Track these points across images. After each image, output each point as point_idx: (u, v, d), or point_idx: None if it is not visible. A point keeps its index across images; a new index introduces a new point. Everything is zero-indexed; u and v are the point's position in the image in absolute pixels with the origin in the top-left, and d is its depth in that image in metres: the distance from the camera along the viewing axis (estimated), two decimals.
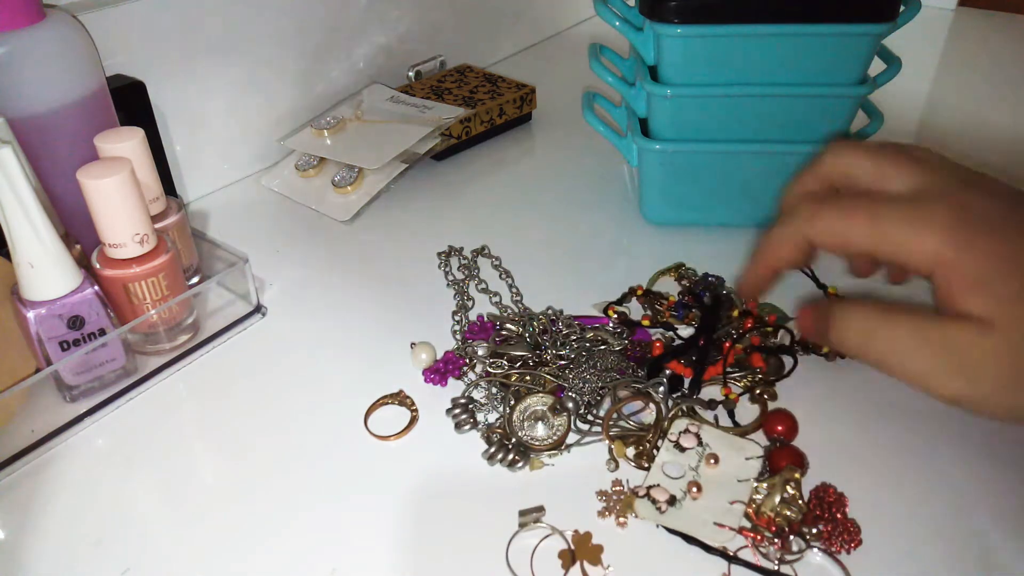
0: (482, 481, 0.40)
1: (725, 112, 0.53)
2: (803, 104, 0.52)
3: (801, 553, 0.35)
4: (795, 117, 0.53)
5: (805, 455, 0.39)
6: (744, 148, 0.54)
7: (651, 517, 0.37)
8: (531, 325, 0.48)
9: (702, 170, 0.55)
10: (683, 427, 0.41)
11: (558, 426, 0.41)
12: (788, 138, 0.53)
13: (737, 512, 0.37)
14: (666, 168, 0.56)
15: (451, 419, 0.42)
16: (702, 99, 0.53)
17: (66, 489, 0.40)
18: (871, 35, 0.49)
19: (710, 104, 0.53)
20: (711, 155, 0.55)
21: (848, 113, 0.53)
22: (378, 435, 0.43)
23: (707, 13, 0.49)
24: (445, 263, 0.56)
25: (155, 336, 0.47)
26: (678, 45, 0.51)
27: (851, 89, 0.51)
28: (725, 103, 0.53)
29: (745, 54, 0.50)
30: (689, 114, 0.53)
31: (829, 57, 0.50)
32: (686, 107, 0.53)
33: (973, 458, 0.40)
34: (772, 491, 0.37)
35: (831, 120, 0.53)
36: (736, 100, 0.52)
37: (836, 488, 0.38)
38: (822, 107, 0.52)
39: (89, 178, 0.42)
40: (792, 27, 0.49)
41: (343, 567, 0.36)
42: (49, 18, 0.44)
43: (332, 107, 0.71)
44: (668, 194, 0.57)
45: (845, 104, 0.52)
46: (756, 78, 0.51)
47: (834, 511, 0.36)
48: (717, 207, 0.58)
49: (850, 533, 0.36)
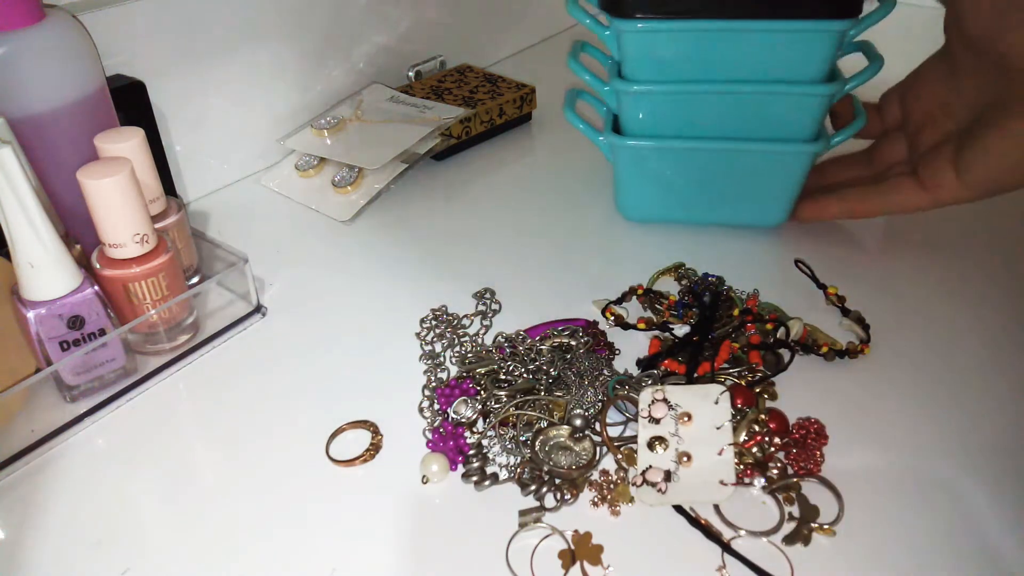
0: None
1: (691, 109, 0.52)
2: (768, 101, 0.51)
3: (785, 480, 0.39)
4: (761, 114, 0.52)
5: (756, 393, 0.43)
6: (710, 145, 0.53)
7: (656, 501, 0.37)
8: (496, 363, 0.46)
9: (671, 167, 0.55)
10: (649, 399, 0.41)
11: (582, 451, 0.40)
12: (755, 135, 0.53)
13: (728, 461, 0.38)
14: (637, 165, 0.56)
15: (471, 484, 0.39)
16: (666, 96, 0.52)
17: (66, 489, 0.40)
18: (832, 31, 0.48)
19: (675, 101, 0.52)
20: (679, 152, 0.54)
21: (817, 111, 0.51)
22: (377, 436, 0.43)
23: (666, 8, 0.48)
24: (425, 333, 0.50)
25: (155, 336, 0.47)
26: (638, 41, 0.50)
27: (815, 88, 0.50)
28: (690, 100, 0.52)
29: (706, 50, 0.50)
30: (656, 111, 0.53)
31: (791, 54, 0.49)
32: (652, 104, 0.53)
33: (973, 458, 0.40)
34: (739, 429, 0.40)
35: (799, 117, 0.52)
36: (701, 97, 0.52)
37: (820, 421, 0.41)
38: (787, 104, 0.51)
39: (89, 178, 0.42)
40: (751, 23, 0.48)
41: (343, 567, 0.36)
42: (49, 18, 0.44)
43: (332, 107, 0.71)
44: (640, 191, 0.58)
45: (812, 102, 0.51)
46: (719, 75, 0.51)
47: (808, 440, 0.40)
48: (688, 204, 0.58)
49: (809, 451, 0.40)
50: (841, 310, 0.50)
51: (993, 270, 0.54)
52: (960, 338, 0.48)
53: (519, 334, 0.48)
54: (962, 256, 0.55)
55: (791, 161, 0.53)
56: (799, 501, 0.38)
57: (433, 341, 0.49)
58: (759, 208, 0.57)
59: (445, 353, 0.48)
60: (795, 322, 0.47)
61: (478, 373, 0.46)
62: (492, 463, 0.41)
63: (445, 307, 0.52)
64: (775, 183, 0.55)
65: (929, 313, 0.50)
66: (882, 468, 0.40)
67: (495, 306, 0.52)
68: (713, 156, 0.54)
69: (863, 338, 0.47)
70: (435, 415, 0.44)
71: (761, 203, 0.56)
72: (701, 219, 0.59)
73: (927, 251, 0.56)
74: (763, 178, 0.54)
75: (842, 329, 0.49)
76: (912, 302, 0.51)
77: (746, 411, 0.41)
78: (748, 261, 0.55)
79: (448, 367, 0.47)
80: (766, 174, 0.54)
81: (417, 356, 0.48)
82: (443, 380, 0.46)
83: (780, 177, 0.54)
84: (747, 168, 0.54)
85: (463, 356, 0.47)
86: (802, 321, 0.47)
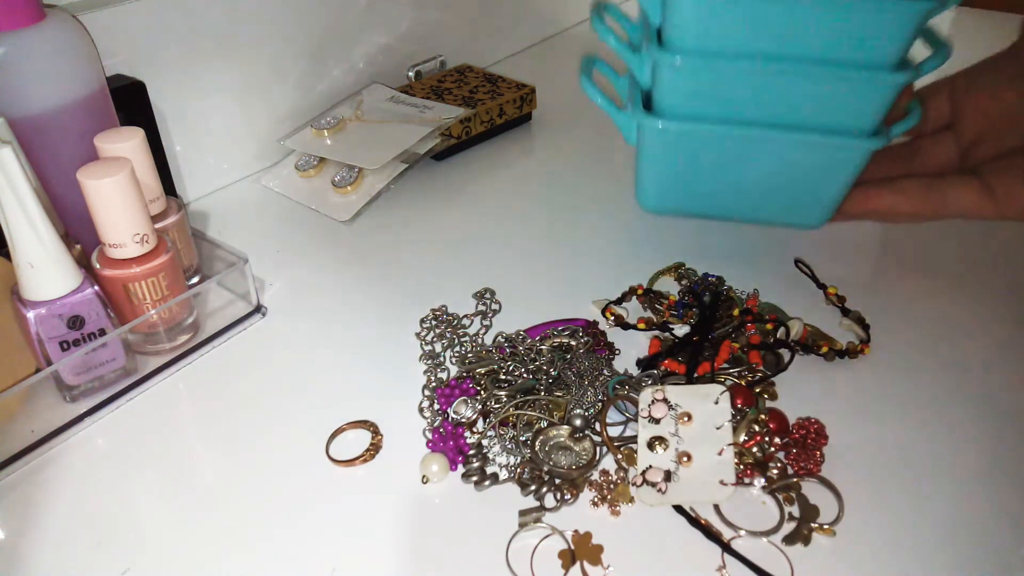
0: None
1: (743, 89, 0.45)
2: (831, 86, 0.44)
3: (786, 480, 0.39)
4: (820, 101, 0.45)
5: (756, 393, 0.43)
6: (760, 134, 0.46)
7: (656, 501, 0.37)
8: (496, 363, 0.45)
9: (710, 156, 0.48)
10: (650, 398, 0.41)
11: (582, 451, 0.40)
12: (810, 124, 0.46)
13: (728, 461, 0.38)
14: (668, 150, 0.48)
15: (471, 484, 0.40)
16: (717, 72, 0.44)
17: (66, 489, 0.40)
18: (917, 12, 0.41)
19: (726, 78, 0.45)
20: (723, 139, 0.47)
21: (885, 102, 0.44)
22: (377, 436, 0.43)
23: None
24: (425, 333, 0.50)
25: (155, 336, 0.47)
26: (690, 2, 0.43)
27: (890, 75, 0.43)
28: (744, 78, 0.45)
29: (768, 18, 0.42)
30: (701, 89, 0.45)
31: (867, 31, 0.42)
32: (698, 80, 0.45)
33: (973, 457, 0.40)
34: (739, 429, 0.40)
35: (863, 108, 0.45)
36: (756, 76, 0.44)
37: (820, 421, 0.41)
38: (853, 92, 0.44)
39: (89, 178, 0.42)
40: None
41: (343, 567, 0.36)
42: (49, 18, 0.44)
43: (332, 107, 0.71)
44: (668, 180, 0.51)
45: (882, 91, 0.44)
46: (778, 50, 0.43)
47: (808, 440, 0.40)
48: (723, 199, 0.51)
49: (808, 452, 0.39)
50: (841, 310, 0.50)
51: (994, 270, 0.54)
52: (960, 338, 0.48)
53: (519, 334, 0.48)
54: (962, 256, 0.55)
55: (847, 157, 0.47)
56: (799, 501, 0.38)
57: (433, 341, 0.49)
58: (800, 207, 0.51)
59: (445, 353, 0.48)
60: (795, 322, 0.47)
61: (478, 373, 0.46)
62: (492, 463, 0.41)
63: (445, 307, 0.52)
64: (824, 180, 0.48)
65: (929, 313, 0.50)
66: (882, 468, 0.40)
67: (495, 306, 0.52)
68: (760, 146, 0.47)
69: (863, 338, 0.47)
70: (435, 415, 0.44)
71: (803, 202, 0.50)
72: (732, 215, 0.53)
73: (927, 251, 0.56)
74: (812, 173, 0.48)
75: (842, 329, 0.49)
76: (912, 302, 0.51)
77: (746, 411, 0.41)
78: (748, 261, 0.55)
79: (448, 367, 0.47)
80: (816, 169, 0.48)
81: (417, 356, 0.48)
82: (443, 380, 0.46)
83: (831, 174, 0.48)
84: (795, 161, 0.47)
85: (463, 356, 0.47)
86: (802, 321, 0.47)
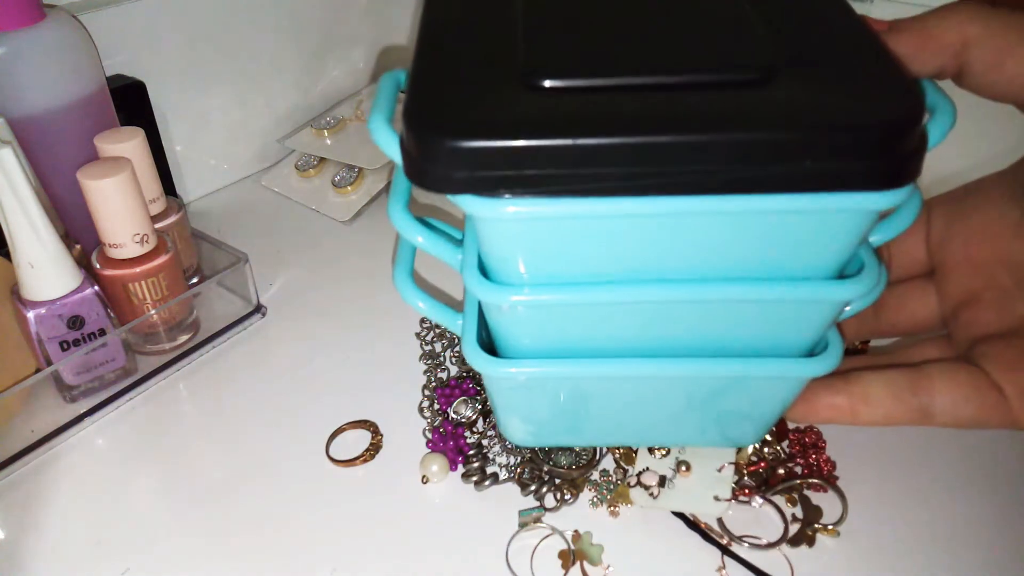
0: None
1: (608, 321, 0.31)
2: (735, 312, 0.30)
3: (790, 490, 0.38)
4: (736, 322, 0.30)
5: None
6: (642, 370, 0.31)
7: (647, 504, 0.37)
8: None
9: (580, 393, 0.34)
10: None
11: (582, 451, 0.40)
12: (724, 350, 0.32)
13: (727, 478, 0.38)
14: (521, 393, 0.34)
15: (471, 484, 0.39)
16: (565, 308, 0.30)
17: (66, 489, 0.40)
18: (863, 212, 0.26)
19: (582, 313, 0.30)
20: (599, 382, 0.33)
21: (824, 320, 0.30)
22: (377, 436, 0.43)
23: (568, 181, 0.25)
24: (425, 333, 0.50)
25: (155, 336, 0.47)
26: (503, 231, 0.27)
27: (826, 289, 0.28)
28: (606, 311, 0.30)
29: (625, 238, 0.27)
30: (549, 324, 0.31)
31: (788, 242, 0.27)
32: (540, 316, 0.30)
33: (974, 457, 0.40)
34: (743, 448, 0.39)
35: (794, 328, 0.31)
36: (623, 307, 0.30)
37: (815, 428, 0.41)
38: (783, 311, 0.30)
39: (89, 178, 0.42)
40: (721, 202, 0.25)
41: (343, 567, 0.36)
42: (49, 18, 0.44)
43: (332, 107, 0.71)
44: (533, 418, 0.37)
45: (818, 310, 0.30)
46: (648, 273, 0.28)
47: (808, 453, 0.39)
48: (602, 431, 0.38)
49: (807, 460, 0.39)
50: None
51: None
52: None
53: None
54: None
55: (775, 387, 0.33)
56: (801, 502, 0.38)
57: (433, 341, 0.49)
58: (723, 433, 0.37)
59: (445, 353, 0.48)
60: None
61: (478, 374, 0.46)
62: (492, 463, 0.41)
63: None
64: (750, 409, 0.35)
65: None
66: (882, 467, 0.40)
67: None
68: (649, 382, 0.33)
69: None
70: (435, 415, 0.44)
71: (726, 428, 0.37)
72: (637, 444, 0.40)
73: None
74: (733, 405, 0.34)
75: None
76: None
77: None
78: None
79: (448, 367, 0.47)
80: (737, 401, 0.34)
81: (417, 356, 0.48)
82: (443, 380, 0.46)
83: (758, 403, 0.34)
84: (704, 396, 0.34)
85: (463, 356, 0.47)
86: None
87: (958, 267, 0.33)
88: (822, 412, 0.33)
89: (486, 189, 0.25)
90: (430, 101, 0.25)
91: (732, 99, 0.24)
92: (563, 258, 0.28)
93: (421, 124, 0.25)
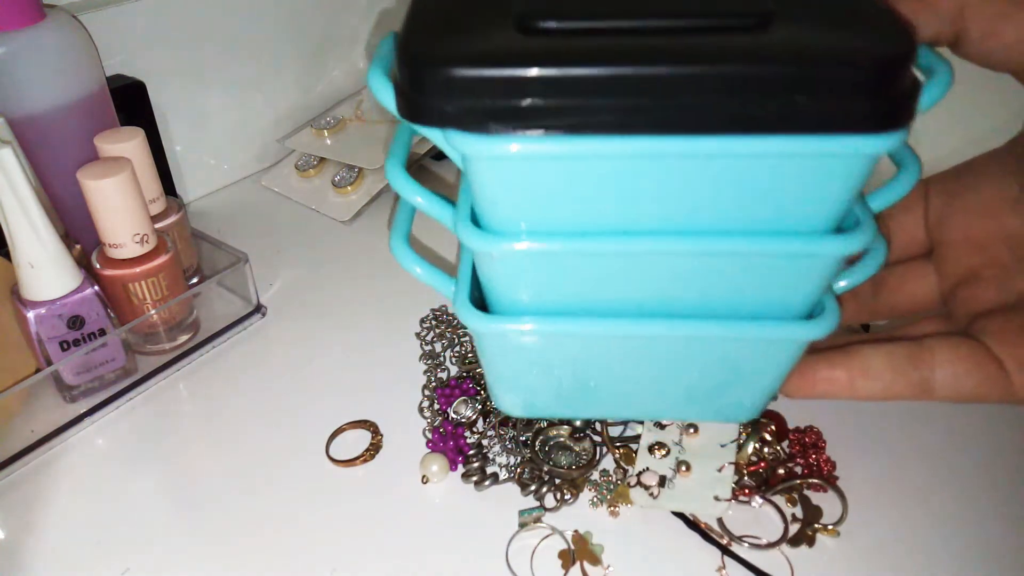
0: None
1: (602, 275, 0.30)
2: (736, 266, 0.29)
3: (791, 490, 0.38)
4: (724, 283, 0.30)
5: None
6: (636, 330, 0.31)
7: (647, 504, 0.37)
8: None
9: (572, 356, 0.33)
10: None
11: (582, 451, 0.40)
12: (716, 311, 0.31)
13: (727, 479, 0.38)
14: (513, 355, 0.33)
15: (471, 484, 0.39)
16: (557, 260, 0.29)
17: (66, 489, 0.40)
18: (861, 156, 0.25)
19: (583, 263, 0.29)
20: (584, 339, 0.32)
21: (821, 278, 0.29)
22: (377, 436, 0.43)
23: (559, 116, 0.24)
24: (425, 333, 0.50)
25: (155, 336, 0.47)
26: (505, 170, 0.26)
27: (822, 242, 0.28)
28: (599, 264, 0.29)
29: (635, 183, 0.26)
30: (549, 276, 0.30)
31: (782, 191, 0.27)
32: (533, 271, 0.30)
33: (974, 457, 0.40)
34: (744, 443, 0.39)
35: (790, 288, 0.30)
36: (617, 259, 0.29)
37: (818, 430, 0.41)
38: (771, 271, 0.29)
39: (89, 178, 0.42)
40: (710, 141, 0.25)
41: (343, 567, 0.36)
42: (49, 18, 0.44)
43: (332, 107, 0.71)
44: (526, 385, 0.36)
45: (815, 265, 0.29)
46: (654, 219, 0.28)
47: (808, 453, 0.39)
48: (596, 401, 0.37)
49: (807, 459, 0.39)
50: None
51: None
52: None
53: None
54: None
55: (772, 351, 0.32)
56: (801, 502, 0.38)
57: (433, 341, 0.49)
58: (717, 406, 0.36)
59: (445, 353, 0.48)
60: None
61: (478, 373, 0.46)
62: (492, 463, 0.41)
63: (445, 307, 0.52)
64: (746, 378, 0.33)
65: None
66: (882, 467, 0.40)
67: None
68: (643, 345, 0.32)
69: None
70: (435, 415, 0.44)
71: (719, 400, 0.35)
72: (632, 418, 0.40)
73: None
74: (725, 374, 0.33)
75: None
76: None
77: (751, 430, 0.40)
78: None
79: (448, 367, 0.47)
80: (731, 367, 0.33)
81: (417, 356, 0.48)
82: (443, 380, 0.46)
83: (754, 370, 0.33)
84: (699, 361, 0.33)
85: (463, 356, 0.47)
86: None
87: (956, 245, 0.33)
88: (819, 385, 0.32)
89: (476, 123, 0.24)
90: (423, 37, 0.25)
91: (727, 40, 0.24)
92: (552, 203, 0.27)
93: (413, 56, 0.25)
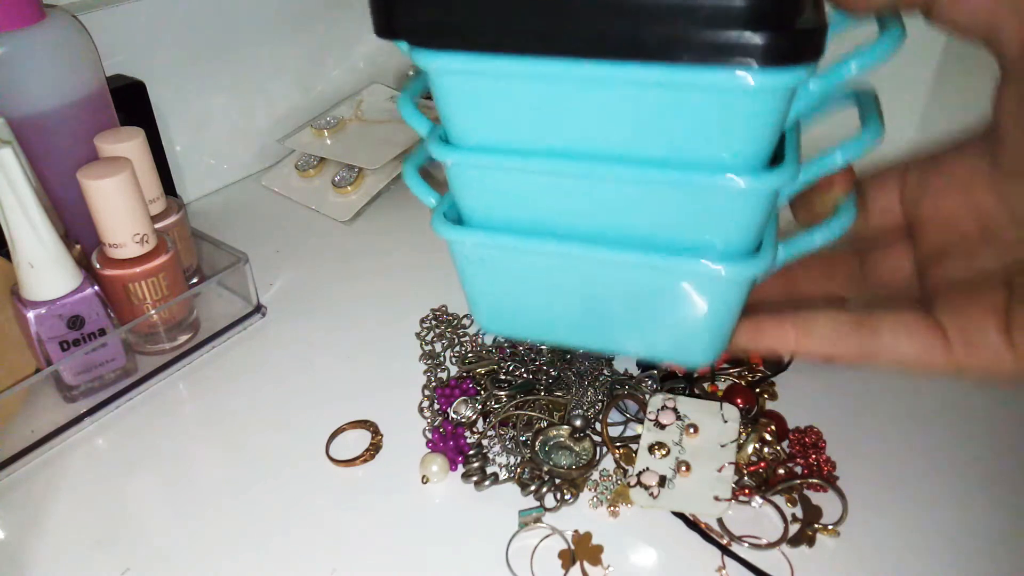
0: None
1: (548, 195, 0.32)
2: (667, 196, 0.30)
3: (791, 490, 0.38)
4: (657, 213, 0.30)
5: (756, 393, 0.42)
6: (584, 253, 0.32)
7: (647, 504, 0.37)
8: (496, 363, 0.45)
9: (528, 274, 0.35)
10: (660, 404, 0.41)
11: (582, 451, 0.40)
12: (648, 243, 0.31)
13: (727, 479, 0.38)
14: (482, 268, 0.36)
15: (471, 484, 0.40)
16: (504, 174, 0.31)
17: (66, 489, 0.40)
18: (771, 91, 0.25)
19: (521, 181, 0.31)
20: (538, 259, 0.34)
21: (752, 215, 0.29)
22: (377, 436, 0.43)
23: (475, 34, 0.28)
24: (425, 333, 0.50)
25: (155, 336, 0.47)
26: (447, 84, 0.30)
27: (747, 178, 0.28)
28: (543, 182, 0.31)
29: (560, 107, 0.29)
30: (497, 192, 0.33)
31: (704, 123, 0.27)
32: (488, 182, 0.32)
33: (974, 456, 0.40)
34: (745, 443, 0.39)
35: (723, 223, 0.30)
36: (558, 180, 0.31)
37: (818, 431, 0.41)
38: (702, 203, 0.29)
39: (89, 178, 0.42)
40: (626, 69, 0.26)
41: (343, 567, 0.36)
42: (49, 18, 0.44)
43: (332, 107, 0.71)
44: (495, 301, 0.37)
45: (742, 201, 0.29)
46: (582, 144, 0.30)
47: (808, 453, 0.39)
48: (568, 330, 0.37)
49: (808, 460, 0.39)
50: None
51: None
52: None
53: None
54: None
55: (713, 288, 0.31)
56: (801, 502, 0.38)
57: (433, 341, 0.49)
58: (672, 344, 0.35)
59: (445, 353, 0.48)
60: None
61: (478, 373, 0.46)
62: (492, 463, 0.41)
63: (445, 307, 0.52)
64: (690, 316, 0.33)
65: None
66: (882, 467, 0.40)
67: None
68: (590, 268, 0.33)
69: None
70: (435, 415, 0.44)
71: (675, 338, 0.35)
72: (587, 346, 0.41)
73: None
74: (668, 309, 0.33)
75: None
76: None
77: (751, 430, 0.40)
78: None
79: (448, 367, 0.47)
80: (672, 303, 0.33)
81: (417, 356, 0.48)
82: (443, 380, 0.46)
83: (697, 309, 0.33)
84: (641, 293, 0.33)
85: (463, 356, 0.47)
86: None
87: (930, 222, 0.33)
88: (766, 339, 0.33)
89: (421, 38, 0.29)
90: None
91: None
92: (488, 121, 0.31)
93: None
